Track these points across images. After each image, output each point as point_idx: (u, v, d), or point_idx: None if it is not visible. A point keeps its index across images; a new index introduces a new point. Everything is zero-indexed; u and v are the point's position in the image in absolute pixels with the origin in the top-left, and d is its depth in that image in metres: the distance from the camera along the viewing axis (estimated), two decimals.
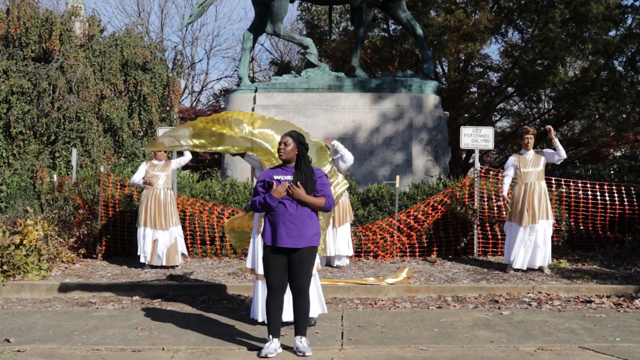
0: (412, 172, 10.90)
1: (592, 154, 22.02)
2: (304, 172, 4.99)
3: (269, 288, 5.06)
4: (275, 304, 5.05)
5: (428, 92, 11.34)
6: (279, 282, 5.03)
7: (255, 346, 5.26)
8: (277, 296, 5.04)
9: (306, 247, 4.99)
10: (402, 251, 9.29)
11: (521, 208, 8.09)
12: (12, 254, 7.92)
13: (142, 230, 8.63)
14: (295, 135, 5.07)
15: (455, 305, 6.94)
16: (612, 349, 5.18)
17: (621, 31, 17.65)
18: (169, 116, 21.21)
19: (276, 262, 5.01)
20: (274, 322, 5.06)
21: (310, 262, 5.08)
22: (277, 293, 5.04)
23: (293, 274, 5.05)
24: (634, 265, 8.51)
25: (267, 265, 5.06)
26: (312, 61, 11.66)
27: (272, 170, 5.15)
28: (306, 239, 4.97)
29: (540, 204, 8.03)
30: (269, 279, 5.05)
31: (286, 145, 5.02)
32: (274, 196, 4.92)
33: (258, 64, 34.88)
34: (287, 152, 5.02)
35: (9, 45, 18.77)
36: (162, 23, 43.37)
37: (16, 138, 17.86)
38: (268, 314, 5.07)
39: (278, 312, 5.07)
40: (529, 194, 8.05)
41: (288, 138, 5.03)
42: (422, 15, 17.83)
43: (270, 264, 5.03)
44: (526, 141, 8.18)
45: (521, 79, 18.95)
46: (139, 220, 8.67)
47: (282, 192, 4.92)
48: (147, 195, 8.69)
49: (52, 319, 6.37)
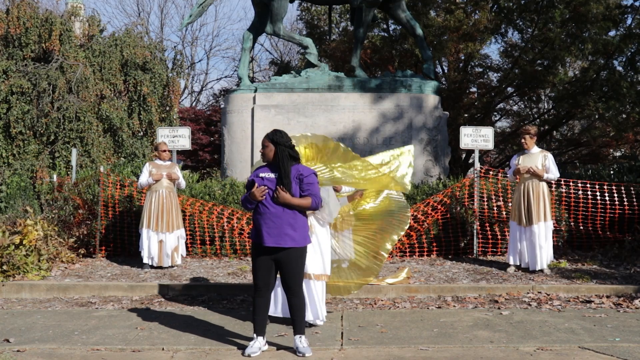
0: (412, 172, 10.88)
1: (592, 154, 22.02)
2: (281, 171, 5.05)
3: (255, 287, 5.10)
4: (261, 303, 5.09)
5: (428, 92, 11.33)
6: (265, 281, 5.07)
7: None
8: (263, 295, 5.09)
9: (291, 247, 5.00)
10: (402, 251, 9.29)
11: (519, 208, 8.11)
12: (12, 254, 7.91)
13: (146, 232, 8.60)
14: (270, 135, 5.15)
15: (455, 305, 6.94)
16: (612, 349, 5.18)
17: (621, 31, 17.63)
18: (168, 116, 21.21)
19: (261, 261, 5.06)
20: (260, 321, 5.11)
21: (299, 264, 5.09)
22: (263, 292, 5.08)
23: (282, 274, 5.11)
24: (633, 265, 8.51)
25: (253, 263, 5.13)
26: (312, 61, 11.65)
27: (258, 169, 5.22)
28: (289, 239, 4.99)
29: (539, 205, 8.02)
30: (255, 278, 5.10)
31: (263, 147, 5.14)
32: (251, 199, 5.03)
33: (258, 64, 34.91)
34: (265, 153, 5.15)
35: (9, 45, 18.76)
36: (162, 23, 43.44)
37: (16, 138, 17.85)
38: (254, 312, 5.12)
39: (264, 311, 5.13)
40: (526, 195, 8.07)
41: (264, 139, 5.15)
42: (422, 15, 17.83)
43: (256, 263, 5.10)
44: (523, 141, 8.21)
45: (521, 79, 18.94)
46: (143, 223, 8.63)
47: (259, 196, 4.99)
48: (150, 198, 8.66)
49: (51, 319, 6.37)
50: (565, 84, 18.70)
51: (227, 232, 9.30)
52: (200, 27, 47.24)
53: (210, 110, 28.78)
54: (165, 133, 10.44)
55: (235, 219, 9.30)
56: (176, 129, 10.53)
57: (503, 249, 9.22)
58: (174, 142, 10.35)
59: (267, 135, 5.16)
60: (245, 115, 11.17)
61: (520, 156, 8.26)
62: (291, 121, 11.04)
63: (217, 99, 31.34)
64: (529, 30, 19.05)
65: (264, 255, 5.05)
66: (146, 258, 8.61)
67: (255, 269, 5.11)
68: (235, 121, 11.26)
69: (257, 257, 5.09)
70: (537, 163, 8.09)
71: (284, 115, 11.07)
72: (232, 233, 9.30)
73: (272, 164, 5.13)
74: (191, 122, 25.26)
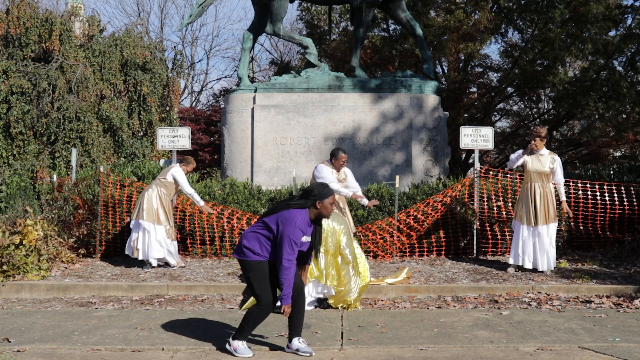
0: (412, 172, 10.89)
1: (592, 154, 22.00)
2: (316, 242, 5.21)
3: (265, 304, 5.03)
4: (265, 318, 5.12)
5: (428, 92, 11.33)
6: (274, 296, 5.09)
7: (254, 346, 5.26)
8: (268, 312, 5.09)
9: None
10: (402, 251, 9.29)
11: (526, 208, 8.08)
12: (12, 254, 7.91)
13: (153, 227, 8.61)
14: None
15: (455, 305, 6.94)
16: (612, 349, 5.18)
17: (621, 31, 17.63)
18: (168, 116, 21.21)
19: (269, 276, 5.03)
20: (252, 330, 5.18)
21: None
22: (269, 309, 5.08)
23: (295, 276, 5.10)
24: (633, 265, 8.51)
25: (262, 280, 5.03)
26: (312, 61, 11.65)
27: (303, 222, 4.98)
28: None
29: (547, 207, 7.99)
30: (266, 294, 5.02)
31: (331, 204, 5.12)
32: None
33: (258, 64, 34.91)
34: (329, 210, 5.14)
35: (9, 45, 18.76)
36: (161, 23, 43.41)
37: (16, 138, 17.85)
38: (253, 325, 5.10)
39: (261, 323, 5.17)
40: (533, 196, 8.04)
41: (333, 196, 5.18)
42: (422, 15, 17.81)
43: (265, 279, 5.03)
44: (533, 142, 8.05)
45: (521, 79, 18.93)
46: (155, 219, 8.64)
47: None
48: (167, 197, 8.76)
49: (51, 319, 6.37)
50: (565, 84, 18.69)
51: (227, 232, 9.30)
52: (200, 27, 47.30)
53: (210, 110, 28.79)
54: (165, 133, 10.44)
55: (235, 219, 9.30)
56: (176, 129, 10.53)
57: (503, 249, 9.22)
58: (174, 142, 10.35)
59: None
60: (245, 115, 11.17)
61: (528, 156, 8.15)
62: (291, 121, 11.04)
63: (217, 99, 31.35)
64: (529, 30, 19.05)
65: (272, 270, 5.03)
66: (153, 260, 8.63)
67: (265, 285, 5.03)
68: (235, 121, 11.25)
69: (265, 273, 5.03)
70: (545, 165, 8.07)
71: (284, 115, 11.07)
72: (232, 233, 9.30)
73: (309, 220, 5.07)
74: (191, 122, 25.27)
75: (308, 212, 5.01)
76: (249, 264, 5.04)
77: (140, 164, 11.35)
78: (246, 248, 5.04)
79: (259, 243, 5.01)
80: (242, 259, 5.08)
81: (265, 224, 5.02)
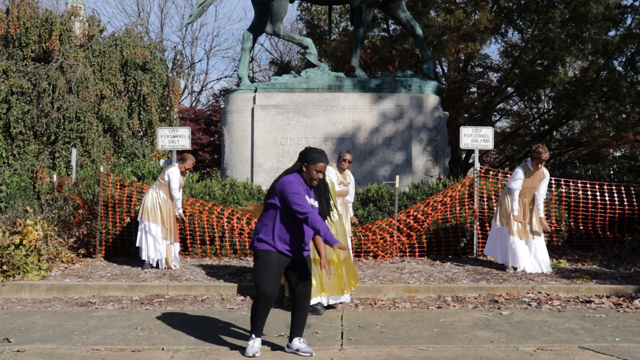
0: (412, 172, 10.89)
1: (592, 154, 22.01)
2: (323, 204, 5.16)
3: (266, 297, 4.96)
4: (265, 311, 5.06)
5: (428, 92, 11.33)
6: (278, 289, 5.07)
7: None
8: (269, 306, 5.04)
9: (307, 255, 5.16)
10: (402, 251, 9.29)
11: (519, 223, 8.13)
12: (12, 254, 7.91)
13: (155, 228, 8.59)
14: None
15: (455, 305, 6.94)
16: (612, 349, 5.18)
17: (621, 31, 17.64)
18: (168, 116, 21.22)
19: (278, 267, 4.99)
20: (260, 324, 5.10)
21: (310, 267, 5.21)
22: (270, 303, 5.03)
23: (299, 278, 5.09)
24: (633, 266, 8.51)
25: (268, 270, 4.96)
26: (312, 61, 11.65)
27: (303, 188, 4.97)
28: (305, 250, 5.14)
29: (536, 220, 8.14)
30: (264, 284, 4.94)
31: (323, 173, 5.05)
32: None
33: (258, 64, 34.91)
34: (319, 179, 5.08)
35: (9, 45, 18.76)
36: (161, 23, 43.42)
37: (16, 138, 17.85)
38: (257, 318, 5.07)
39: (265, 316, 5.10)
40: (527, 211, 8.14)
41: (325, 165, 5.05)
42: (422, 15, 17.82)
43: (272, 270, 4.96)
44: (536, 162, 7.96)
45: (521, 79, 18.93)
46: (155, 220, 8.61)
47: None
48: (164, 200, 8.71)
49: (51, 319, 6.37)
50: (565, 84, 18.69)
51: (227, 232, 9.30)
52: (200, 27, 47.31)
53: (210, 110, 28.80)
54: (165, 133, 10.44)
55: (235, 219, 9.30)
56: (176, 129, 10.53)
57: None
58: (174, 142, 10.34)
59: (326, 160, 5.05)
60: (245, 115, 11.17)
61: (525, 176, 8.05)
62: (291, 121, 11.04)
63: (217, 99, 31.36)
64: (529, 30, 19.05)
65: (280, 263, 4.99)
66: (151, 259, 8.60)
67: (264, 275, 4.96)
68: (235, 121, 11.25)
69: (270, 264, 4.97)
70: (536, 181, 8.07)
71: (284, 115, 11.07)
72: (232, 233, 9.30)
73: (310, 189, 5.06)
74: (191, 122, 25.27)
75: (299, 176, 5.00)
76: (256, 252, 5.06)
77: (140, 164, 11.35)
78: (255, 238, 5.07)
79: (266, 228, 5.00)
80: (252, 249, 5.11)
81: (268, 205, 5.04)
